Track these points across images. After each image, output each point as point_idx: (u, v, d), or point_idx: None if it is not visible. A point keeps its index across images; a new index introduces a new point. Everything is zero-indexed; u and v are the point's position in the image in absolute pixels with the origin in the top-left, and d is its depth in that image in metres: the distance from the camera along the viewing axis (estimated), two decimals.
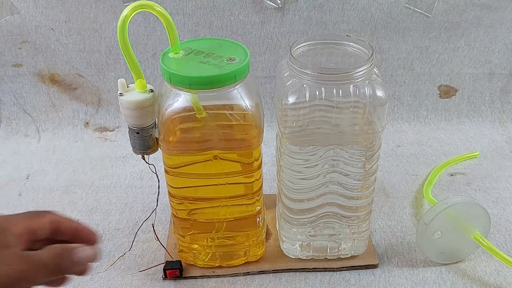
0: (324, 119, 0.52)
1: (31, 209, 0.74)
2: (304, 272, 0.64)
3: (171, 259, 0.64)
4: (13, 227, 0.38)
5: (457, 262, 0.64)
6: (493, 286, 0.61)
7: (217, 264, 0.63)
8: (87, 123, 0.94)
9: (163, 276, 0.63)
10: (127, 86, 0.52)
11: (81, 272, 0.40)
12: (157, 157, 0.56)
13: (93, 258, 0.40)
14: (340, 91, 0.50)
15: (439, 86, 0.93)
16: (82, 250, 0.39)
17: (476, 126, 0.93)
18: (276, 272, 0.64)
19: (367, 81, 0.51)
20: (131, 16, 0.48)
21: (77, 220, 0.43)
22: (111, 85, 0.91)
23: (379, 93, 0.51)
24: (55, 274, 0.38)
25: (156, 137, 0.55)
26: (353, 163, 0.56)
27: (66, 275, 0.40)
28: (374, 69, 0.52)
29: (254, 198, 0.59)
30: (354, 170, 0.56)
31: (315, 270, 0.64)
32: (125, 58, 0.49)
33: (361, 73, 0.50)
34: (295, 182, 0.57)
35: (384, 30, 0.88)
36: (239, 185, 0.58)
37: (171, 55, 0.53)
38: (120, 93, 0.52)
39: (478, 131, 0.92)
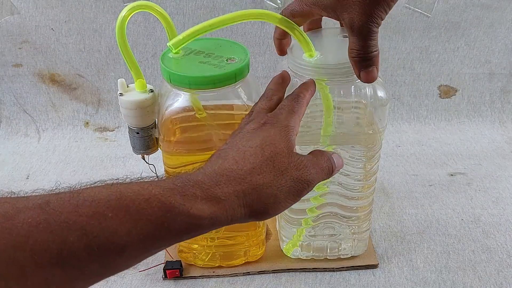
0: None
1: None
2: (304, 272, 0.64)
3: (171, 259, 0.64)
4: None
5: (457, 262, 0.64)
6: (493, 286, 0.61)
7: (217, 264, 0.63)
8: (87, 123, 0.94)
9: (163, 276, 0.63)
10: (127, 86, 0.52)
11: (335, 172, 0.44)
12: (157, 157, 0.56)
13: (342, 162, 0.45)
14: (341, 91, 0.50)
15: (439, 86, 0.93)
16: (337, 156, 0.44)
17: (476, 126, 0.93)
18: (276, 272, 0.64)
19: None
20: (129, 17, 0.48)
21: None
22: (111, 85, 0.91)
23: (380, 93, 0.51)
24: (328, 177, 0.43)
25: (156, 137, 0.55)
26: (354, 163, 0.56)
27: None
28: None
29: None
30: (355, 171, 0.56)
31: (315, 270, 0.64)
32: (124, 59, 0.49)
33: None
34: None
35: (384, 30, 0.88)
36: None
37: (171, 55, 0.53)
38: (120, 93, 0.52)
39: (478, 131, 0.92)
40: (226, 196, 0.36)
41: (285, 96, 0.47)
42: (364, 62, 0.43)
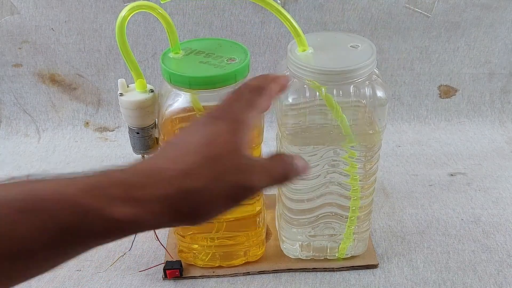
0: (324, 119, 0.52)
1: None
2: (304, 272, 0.64)
3: (171, 259, 0.64)
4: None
5: (457, 262, 0.64)
6: (493, 286, 0.61)
7: (217, 264, 0.63)
8: (87, 123, 0.94)
9: (163, 276, 0.63)
10: (127, 86, 0.52)
11: (292, 178, 0.38)
12: None
13: (305, 168, 0.38)
14: (340, 91, 0.50)
15: (439, 86, 0.93)
16: (300, 160, 0.37)
17: (476, 126, 0.93)
18: (276, 272, 0.64)
19: (367, 82, 0.51)
20: (129, 17, 0.48)
21: None
22: (111, 85, 0.91)
23: (379, 93, 0.51)
24: (280, 183, 0.37)
25: (156, 137, 0.55)
26: (353, 164, 0.56)
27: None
28: (375, 69, 0.52)
29: (254, 198, 0.59)
30: (354, 171, 0.56)
31: (315, 270, 0.64)
32: (124, 59, 0.49)
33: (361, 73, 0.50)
34: (295, 183, 0.57)
35: (384, 30, 0.88)
36: None
37: (171, 55, 0.53)
38: (120, 93, 0.52)
39: (478, 131, 0.93)
40: (147, 200, 0.32)
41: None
42: None
